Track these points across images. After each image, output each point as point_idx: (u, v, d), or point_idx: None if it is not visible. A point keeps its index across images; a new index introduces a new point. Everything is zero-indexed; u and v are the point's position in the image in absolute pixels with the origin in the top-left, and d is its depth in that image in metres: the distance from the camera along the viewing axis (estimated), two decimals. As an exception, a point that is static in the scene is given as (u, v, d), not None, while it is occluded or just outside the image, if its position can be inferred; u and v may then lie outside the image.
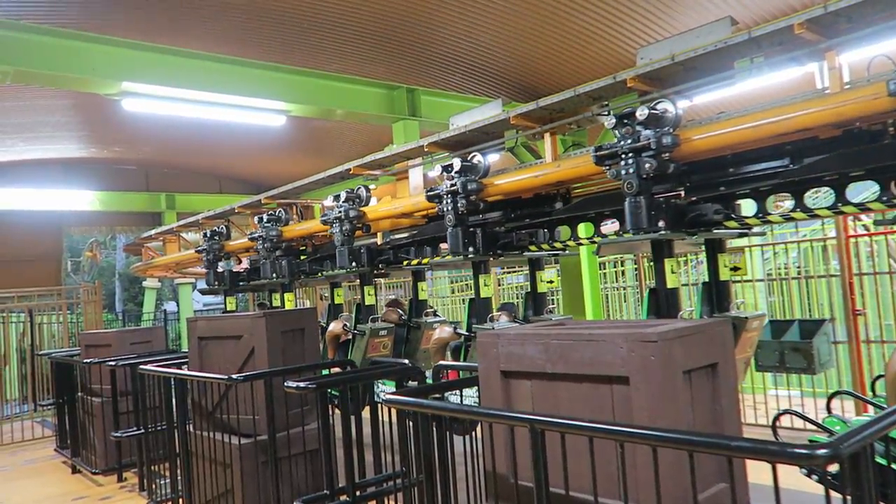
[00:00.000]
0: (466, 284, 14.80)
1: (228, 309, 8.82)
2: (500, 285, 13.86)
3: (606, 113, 4.27)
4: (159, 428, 5.77)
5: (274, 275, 7.46)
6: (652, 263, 4.17)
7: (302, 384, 3.72)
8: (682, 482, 1.97)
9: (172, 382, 5.08)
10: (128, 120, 12.98)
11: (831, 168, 3.55)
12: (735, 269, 7.14)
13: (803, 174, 3.66)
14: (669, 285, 4.03)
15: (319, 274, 7.32)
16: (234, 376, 4.24)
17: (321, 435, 4.03)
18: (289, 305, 7.49)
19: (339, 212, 6.16)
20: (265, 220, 7.37)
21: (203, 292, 9.19)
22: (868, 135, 3.49)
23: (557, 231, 5.11)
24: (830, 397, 3.87)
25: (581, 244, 5.01)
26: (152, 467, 6.02)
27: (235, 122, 11.08)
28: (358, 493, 3.97)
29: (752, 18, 8.39)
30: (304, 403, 4.75)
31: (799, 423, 5.61)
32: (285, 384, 3.78)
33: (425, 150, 5.47)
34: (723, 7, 8.33)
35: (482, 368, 2.68)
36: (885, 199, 3.43)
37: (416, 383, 4.21)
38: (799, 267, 9.25)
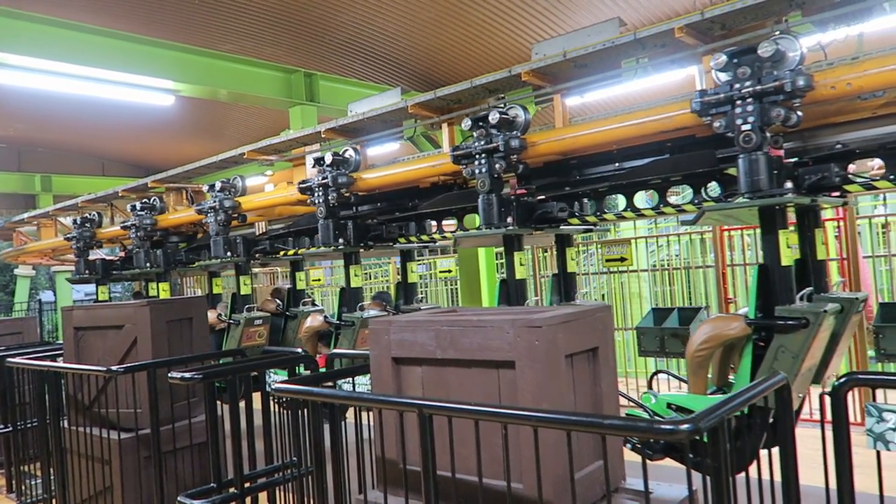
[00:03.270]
0: (368, 273, 14.73)
1: (100, 299, 8.37)
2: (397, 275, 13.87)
3: (503, 105, 4.38)
4: (30, 425, 5.41)
5: (148, 264, 7.17)
6: (545, 254, 4.33)
7: (187, 375, 3.58)
8: (563, 461, 2.05)
9: (46, 376, 4.77)
10: (-3, 93, 11.94)
11: (652, 173, 3.95)
12: (622, 259, 7.54)
13: (631, 178, 4.04)
14: (518, 276, 4.25)
15: (195, 263, 7.10)
16: (114, 368, 4.03)
17: (208, 427, 3.90)
18: (163, 296, 7.21)
19: (214, 201, 6.10)
20: (139, 207, 7.08)
21: (72, 282, 8.73)
22: (693, 143, 3.84)
23: (427, 224, 5.26)
24: (652, 376, 4.33)
25: (446, 237, 5.19)
26: (21, 467, 5.63)
27: (120, 101, 10.45)
28: (247, 484, 3.88)
29: (640, 21, 8.80)
30: (190, 395, 4.57)
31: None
32: (169, 375, 3.63)
33: (322, 136, 5.43)
34: (614, 8, 8.69)
35: (374, 355, 2.68)
36: (696, 202, 3.86)
37: (308, 371, 4.15)
38: (681, 258, 9.86)
